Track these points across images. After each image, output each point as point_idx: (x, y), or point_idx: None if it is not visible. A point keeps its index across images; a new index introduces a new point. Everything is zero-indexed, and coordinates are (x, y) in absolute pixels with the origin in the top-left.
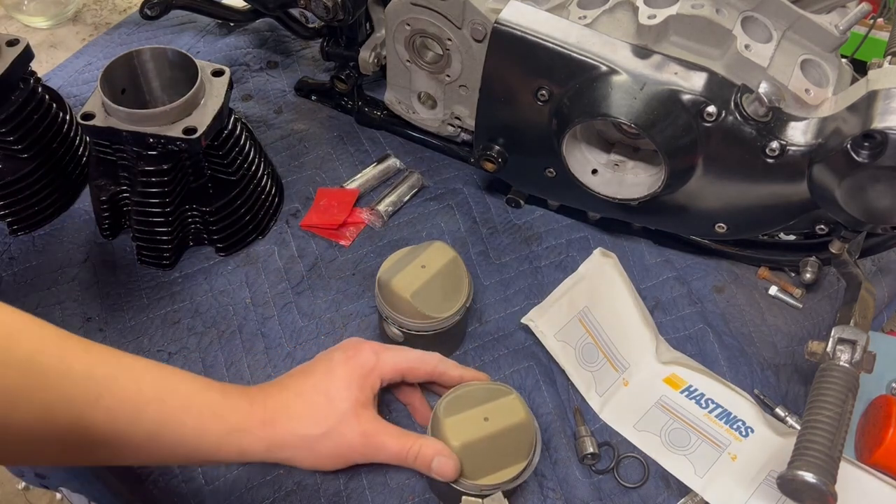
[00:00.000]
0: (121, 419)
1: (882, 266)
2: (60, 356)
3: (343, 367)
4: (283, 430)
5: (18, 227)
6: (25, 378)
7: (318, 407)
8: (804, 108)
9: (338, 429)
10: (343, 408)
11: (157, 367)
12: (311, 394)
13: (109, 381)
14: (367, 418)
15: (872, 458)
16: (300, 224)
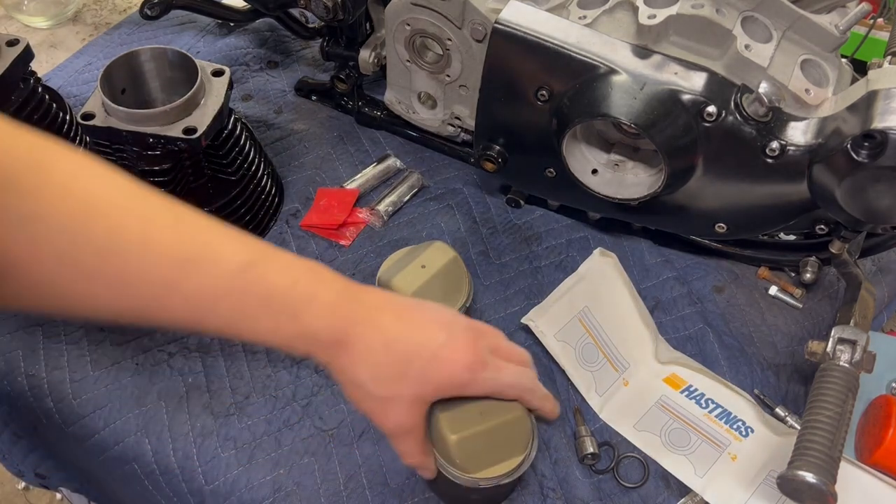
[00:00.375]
0: (199, 307)
1: (882, 266)
2: (142, 233)
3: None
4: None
5: None
6: (101, 259)
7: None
8: (804, 108)
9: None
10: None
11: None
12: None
13: (190, 267)
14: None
15: (872, 458)
16: (300, 224)
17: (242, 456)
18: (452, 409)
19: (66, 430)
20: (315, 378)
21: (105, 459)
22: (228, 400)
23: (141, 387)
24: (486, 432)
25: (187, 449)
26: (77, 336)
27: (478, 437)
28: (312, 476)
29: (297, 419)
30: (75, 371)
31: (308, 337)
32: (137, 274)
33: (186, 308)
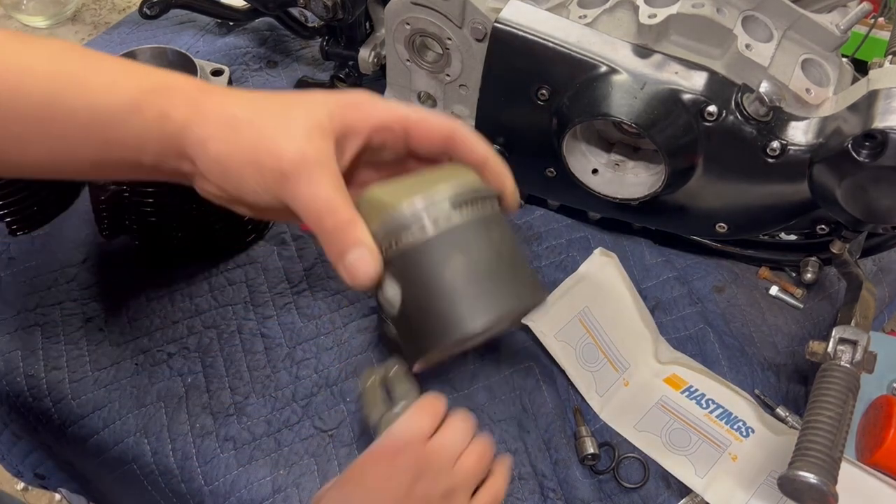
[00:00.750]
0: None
1: (883, 266)
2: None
3: (323, 94)
4: (219, 102)
5: (18, 227)
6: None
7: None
8: (805, 108)
9: (276, 127)
10: (300, 118)
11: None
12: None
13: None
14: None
15: (873, 459)
16: (300, 225)
17: (242, 456)
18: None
19: (65, 430)
20: (315, 378)
21: (104, 460)
22: (228, 400)
23: (140, 387)
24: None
25: (187, 449)
26: (76, 336)
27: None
28: (312, 476)
29: (296, 419)
30: (74, 371)
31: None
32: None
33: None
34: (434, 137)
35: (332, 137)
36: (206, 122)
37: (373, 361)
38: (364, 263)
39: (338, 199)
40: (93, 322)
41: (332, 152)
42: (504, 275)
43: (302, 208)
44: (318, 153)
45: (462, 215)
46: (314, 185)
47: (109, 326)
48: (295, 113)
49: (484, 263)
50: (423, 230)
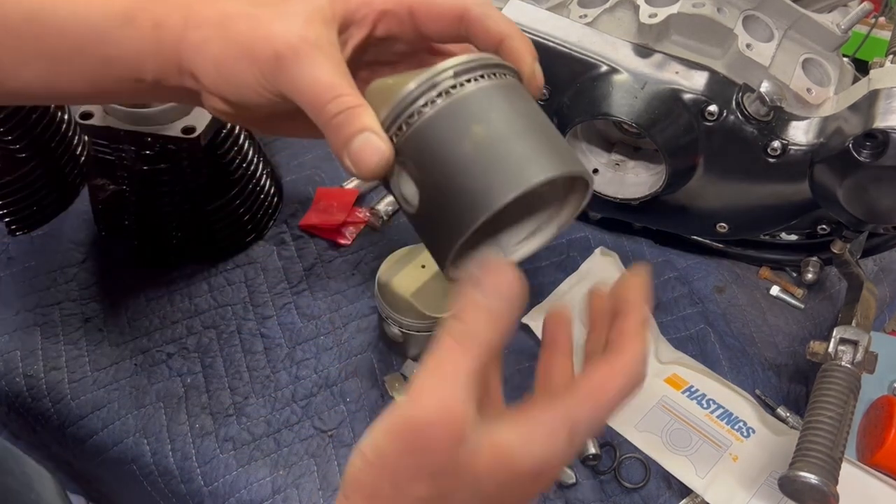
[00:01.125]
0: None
1: (884, 266)
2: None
3: None
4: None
5: (17, 227)
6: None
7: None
8: (806, 108)
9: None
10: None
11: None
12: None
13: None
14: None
15: (874, 459)
16: (299, 224)
17: (241, 457)
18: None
19: (64, 430)
20: (315, 378)
21: (104, 460)
22: (227, 401)
23: (139, 387)
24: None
25: (186, 450)
26: (75, 336)
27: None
28: (312, 477)
29: (296, 420)
30: (74, 372)
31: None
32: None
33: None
34: (444, 18)
35: (335, 24)
36: (199, 24)
37: (373, 361)
38: (370, 148)
39: (341, 83)
40: (92, 322)
41: (333, 38)
42: (532, 140)
43: (300, 94)
44: (317, 36)
45: (476, 84)
46: (314, 67)
47: (108, 326)
48: (292, 2)
49: (508, 129)
50: (432, 104)
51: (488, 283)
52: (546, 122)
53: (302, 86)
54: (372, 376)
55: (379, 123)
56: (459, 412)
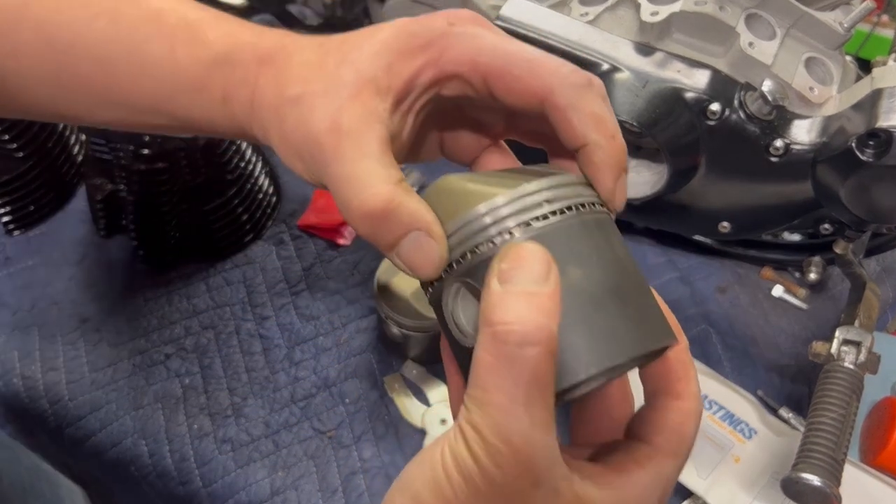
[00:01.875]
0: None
1: (887, 266)
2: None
3: (391, 29)
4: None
5: (14, 227)
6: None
7: (325, 65)
8: (808, 107)
9: (314, 101)
10: (348, 77)
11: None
12: (335, 48)
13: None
14: (362, 105)
15: (877, 460)
16: (298, 224)
17: (240, 458)
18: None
19: (62, 432)
20: (314, 379)
21: (102, 461)
22: (226, 401)
23: (137, 388)
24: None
25: (184, 451)
26: (73, 337)
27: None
28: (311, 478)
29: (295, 421)
30: (71, 372)
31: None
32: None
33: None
34: (522, 97)
35: (390, 95)
36: (261, 107)
37: (372, 362)
38: (422, 252)
39: (369, 175)
40: (89, 323)
41: (379, 117)
42: (617, 304)
43: (335, 192)
44: (353, 120)
45: (564, 219)
46: (341, 163)
47: (106, 327)
48: (343, 72)
49: (595, 283)
50: (507, 235)
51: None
52: (635, 273)
53: (332, 179)
54: (371, 377)
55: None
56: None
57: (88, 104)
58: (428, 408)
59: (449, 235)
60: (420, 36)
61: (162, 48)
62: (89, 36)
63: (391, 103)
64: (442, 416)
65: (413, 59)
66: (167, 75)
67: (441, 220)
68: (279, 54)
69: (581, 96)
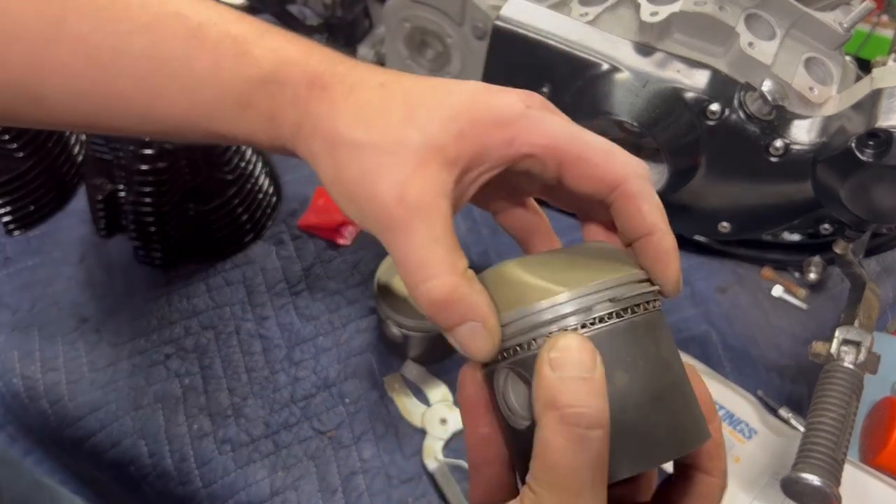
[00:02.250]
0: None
1: (887, 266)
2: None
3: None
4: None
5: (14, 227)
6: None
7: (388, 114)
8: (808, 107)
9: (382, 155)
10: (415, 139)
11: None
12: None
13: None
14: (428, 176)
15: (876, 460)
16: (298, 224)
17: (240, 458)
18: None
19: (61, 432)
20: (313, 379)
21: (102, 462)
22: (226, 402)
23: (137, 388)
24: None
25: (184, 451)
26: (73, 337)
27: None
28: (311, 479)
29: (295, 421)
30: (71, 372)
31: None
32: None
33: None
34: (596, 183)
35: (457, 167)
36: (313, 135)
37: (372, 362)
38: (476, 341)
39: (436, 262)
40: (89, 323)
41: (445, 190)
42: (667, 408)
43: (398, 264)
44: (421, 195)
45: (625, 320)
46: (409, 241)
47: (106, 327)
48: (410, 133)
49: (646, 386)
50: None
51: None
52: (678, 374)
53: (397, 254)
54: (371, 377)
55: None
56: None
57: (126, 120)
58: (428, 408)
59: (505, 324)
60: (498, 111)
61: (206, 65)
62: (129, 53)
63: (457, 175)
64: (442, 415)
65: (488, 134)
66: (211, 93)
67: (498, 307)
68: (332, 81)
69: (648, 187)
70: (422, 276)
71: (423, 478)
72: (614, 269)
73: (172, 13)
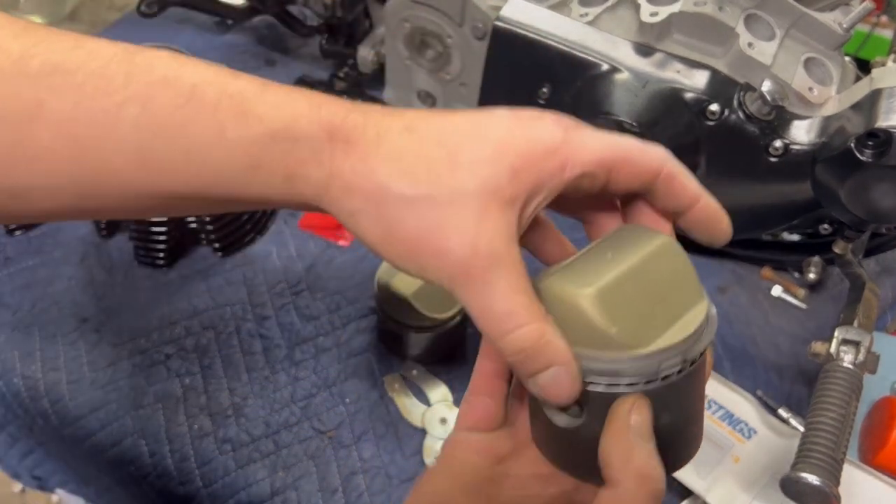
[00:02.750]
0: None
1: (886, 266)
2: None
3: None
4: (361, 160)
5: (15, 226)
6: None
7: (430, 161)
8: (808, 107)
9: (440, 207)
10: (469, 184)
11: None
12: (433, 139)
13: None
14: (495, 222)
15: (876, 460)
16: (298, 224)
17: (240, 458)
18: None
19: (62, 431)
20: (313, 379)
21: (102, 461)
22: (226, 401)
23: (138, 388)
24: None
25: (185, 451)
26: (73, 337)
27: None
28: (311, 478)
29: (295, 421)
30: (72, 372)
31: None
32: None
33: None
34: (643, 175)
35: (517, 205)
36: (349, 193)
37: (372, 362)
38: (558, 387)
39: (519, 310)
40: (89, 323)
41: (512, 232)
42: (688, 433)
43: (474, 317)
44: (492, 244)
45: (685, 373)
46: (489, 293)
47: (106, 327)
48: (463, 179)
49: (685, 419)
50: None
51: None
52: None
53: (475, 308)
54: (371, 377)
55: (569, 349)
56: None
57: (123, 200)
58: (428, 407)
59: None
60: (543, 141)
61: (207, 129)
62: (119, 127)
63: (518, 213)
64: (442, 415)
65: (539, 166)
66: (216, 158)
67: (566, 338)
68: (354, 133)
69: (679, 164)
70: (509, 325)
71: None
72: (682, 308)
73: (161, 79)
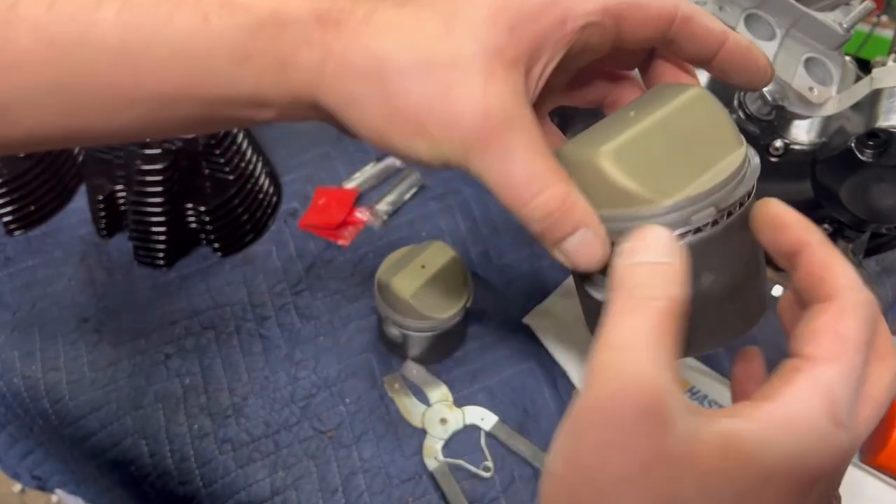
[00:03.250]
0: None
1: (886, 266)
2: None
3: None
4: (353, 39)
5: (15, 226)
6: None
7: (426, 28)
8: (808, 107)
9: (442, 71)
10: (470, 47)
11: None
12: (426, 9)
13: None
14: (502, 83)
15: (876, 460)
16: (298, 224)
17: (240, 458)
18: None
19: (62, 431)
20: (314, 379)
21: (102, 461)
22: (226, 401)
23: (138, 388)
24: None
25: (185, 451)
26: (73, 337)
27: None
28: (311, 478)
29: (295, 421)
30: (72, 372)
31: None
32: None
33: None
34: (655, 21)
35: (521, 65)
36: (344, 75)
37: (372, 362)
38: (587, 249)
39: (542, 172)
40: (89, 323)
41: (522, 93)
42: (738, 299)
43: (493, 188)
44: (504, 105)
45: (722, 223)
46: (508, 158)
47: (106, 327)
48: (462, 42)
49: (727, 286)
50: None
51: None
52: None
53: (494, 178)
54: (371, 377)
55: (593, 211)
56: (649, 381)
57: (106, 108)
58: (428, 408)
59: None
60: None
61: (191, 21)
62: (99, 25)
63: (524, 74)
64: (442, 415)
65: (538, 20)
66: (202, 51)
67: (591, 204)
68: (343, 13)
69: (697, 6)
70: (533, 190)
71: (423, 477)
72: (714, 156)
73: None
